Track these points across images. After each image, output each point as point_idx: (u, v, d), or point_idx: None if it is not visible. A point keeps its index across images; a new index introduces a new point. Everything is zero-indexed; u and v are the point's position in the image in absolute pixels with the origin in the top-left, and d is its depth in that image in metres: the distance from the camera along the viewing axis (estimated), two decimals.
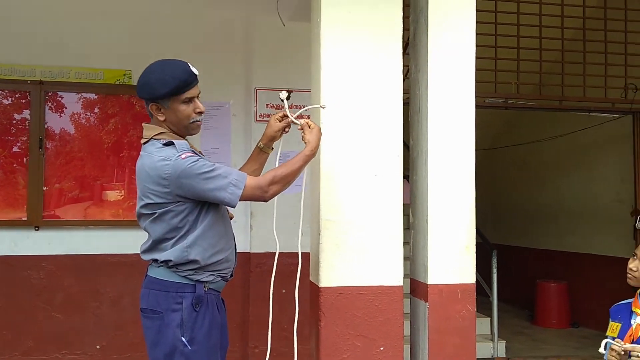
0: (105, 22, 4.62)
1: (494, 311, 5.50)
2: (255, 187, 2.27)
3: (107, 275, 4.58)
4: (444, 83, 2.89)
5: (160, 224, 2.25)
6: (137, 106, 4.62)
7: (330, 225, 2.74)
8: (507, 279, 6.17)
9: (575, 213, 7.17)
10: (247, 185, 2.24)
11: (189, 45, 4.56)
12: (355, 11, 2.77)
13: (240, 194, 2.23)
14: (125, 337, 4.54)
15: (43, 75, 4.53)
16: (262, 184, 2.28)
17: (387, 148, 2.79)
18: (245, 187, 2.23)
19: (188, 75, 2.26)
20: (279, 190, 2.33)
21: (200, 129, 2.42)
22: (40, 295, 4.48)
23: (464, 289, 2.85)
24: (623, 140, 6.08)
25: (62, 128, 4.58)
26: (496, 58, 5.24)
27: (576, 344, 6.10)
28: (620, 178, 6.34)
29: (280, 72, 4.74)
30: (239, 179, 2.24)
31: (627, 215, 6.01)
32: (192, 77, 2.27)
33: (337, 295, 2.73)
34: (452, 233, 2.87)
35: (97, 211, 4.60)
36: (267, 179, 2.29)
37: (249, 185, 2.25)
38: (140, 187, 2.28)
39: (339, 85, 2.77)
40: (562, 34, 5.47)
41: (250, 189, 2.25)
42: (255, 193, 2.27)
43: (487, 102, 5.28)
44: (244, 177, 2.25)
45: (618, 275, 6.23)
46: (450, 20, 2.90)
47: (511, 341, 5.81)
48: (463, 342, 2.84)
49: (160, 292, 2.25)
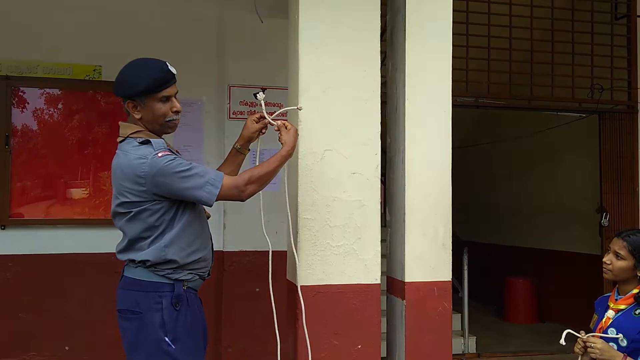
0: (74, 16, 4.51)
1: (465, 307, 5.58)
2: (232, 187, 2.27)
3: (76, 275, 4.47)
4: (420, 81, 2.91)
5: (136, 222, 2.23)
6: (103, 102, 4.53)
7: (308, 224, 2.73)
8: (475, 275, 6.25)
9: (542, 210, 7.32)
10: (224, 185, 2.24)
11: (161, 42, 4.48)
12: (334, 9, 2.77)
13: (217, 193, 2.22)
14: (94, 338, 4.44)
15: (9, 70, 4.39)
16: (239, 184, 2.28)
17: (366, 146, 2.80)
18: (222, 186, 2.23)
19: (165, 73, 2.25)
20: (255, 190, 2.33)
21: (176, 128, 2.39)
22: (7, 296, 4.36)
23: (441, 286, 2.87)
24: (589, 140, 6.22)
25: (28, 124, 4.45)
26: (467, 58, 5.30)
27: (544, 338, 6.22)
28: (586, 176, 6.49)
29: (254, 69, 4.70)
30: (216, 178, 2.24)
31: (592, 213, 6.16)
32: (169, 76, 2.26)
33: (315, 293, 2.73)
34: (428, 231, 2.89)
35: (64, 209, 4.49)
36: (244, 178, 2.30)
37: (225, 185, 2.24)
38: (116, 185, 2.25)
39: (317, 83, 2.76)
40: (531, 34, 5.56)
41: (227, 188, 2.25)
42: (232, 193, 2.27)
43: (458, 101, 5.33)
44: (221, 177, 2.25)
45: (584, 271, 6.44)
46: (427, 19, 2.91)
47: (481, 337, 5.89)
48: (439, 339, 2.87)
49: (139, 292, 2.23)
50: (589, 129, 6.13)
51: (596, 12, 5.68)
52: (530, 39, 5.57)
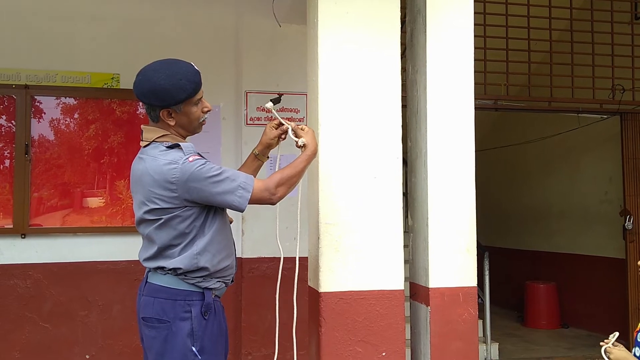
0: (92, 25, 4.53)
1: (487, 313, 5.50)
2: (264, 190, 2.21)
3: (96, 282, 4.48)
4: (442, 83, 2.87)
5: (166, 230, 2.17)
6: (120, 111, 4.54)
7: (330, 229, 2.69)
8: (495, 281, 6.16)
9: (563, 214, 7.21)
10: (255, 188, 2.19)
11: (179, 49, 4.48)
12: (353, 11, 2.74)
13: (249, 197, 2.17)
14: (115, 346, 4.45)
15: (28, 80, 4.42)
16: (269, 186, 2.22)
17: (387, 150, 2.76)
18: (254, 189, 2.18)
19: (199, 76, 2.22)
20: (286, 193, 2.28)
21: (202, 129, 2.36)
22: (27, 305, 4.37)
23: (466, 292, 2.82)
24: (611, 141, 6.13)
25: (47, 133, 4.47)
26: (485, 60, 5.24)
27: (567, 344, 6.12)
28: (608, 178, 6.38)
29: (270, 75, 4.70)
30: (247, 181, 2.18)
31: (615, 215, 6.05)
32: (200, 78, 2.23)
33: (338, 300, 2.68)
34: (452, 235, 2.84)
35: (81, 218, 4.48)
36: (274, 181, 2.24)
37: (257, 188, 2.19)
38: (144, 192, 2.18)
39: (337, 87, 2.73)
40: (550, 35, 5.50)
41: (259, 191, 2.20)
42: (263, 195, 2.22)
43: (477, 103, 5.25)
44: (252, 180, 2.20)
45: (608, 275, 6.33)
46: (448, 19, 2.88)
47: (503, 343, 5.81)
48: (465, 346, 2.81)
49: (167, 300, 2.17)
50: (610, 131, 6.03)
51: (616, 11, 5.60)
52: (549, 39, 5.51)
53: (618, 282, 5.99)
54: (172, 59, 2.23)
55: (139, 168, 2.22)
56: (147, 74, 2.18)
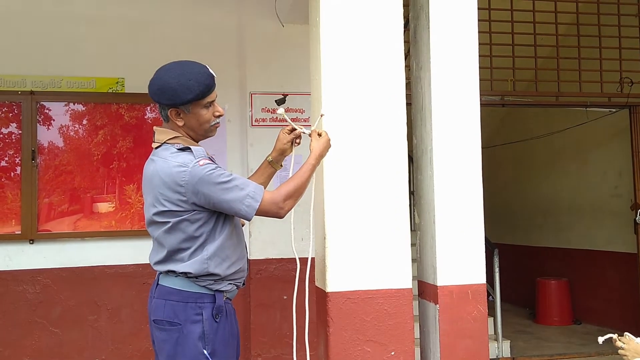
0: (96, 30, 4.55)
1: (497, 310, 5.46)
2: (272, 203, 2.18)
3: (105, 287, 4.49)
4: (447, 80, 2.84)
5: (175, 233, 2.15)
6: (127, 115, 4.55)
7: (336, 229, 2.67)
8: (506, 278, 6.13)
9: (573, 209, 7.15)
10: (264, 199, 2.15)
11: (182, 51, 4.43)
12: (355, 9, 2.72)
13: (257, 207, 2.14)
14: (124, 350, 4.46)
15: (34, 85, 4.44)
16: (277, 200, 2.19)
17: (392, 148, 2.73)
18: (263, 200, 2.15)
19: (211, 79, 2.19)
20: (293, 205, 2.26)
21: (216, 132, 2.34)
22: (37, 310, 4.39)
23: (475, 289, 2.79)
24: (620, 135, 6.07)
25: (53, 139, 4.48)
26: (491, 55, 5.21)
27: (580, 340, 6.06)
28: (618, 172, 6.32)
29: (274, 76, 4.69)
30: (256, 191, 2.15)
31: (626, 210, 5.99)
32: (213, 81, 2.20)
33: (345, 300, 2.66)
34: (460, 232, 2.81)
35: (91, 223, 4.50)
36: (281, 194, 2.20)
37: (265, 200, 2.16)
38: (153, 193, 2.16)
39: (340, 86, 2.70)
40: (556, 29, 5.46)
41: (267, 203, 2.16)
42: (271, 209, 2.18)
43: (483, 99, 5.23)
44: (261, 190, 2.17)
45: (619, 270, 6.27)
46: (452, 15, 2.85)
47: (515, 340, 5.76)
48: (475, 344, 2.78)
49: (178, 302, 2.15)
50: (619, 124, 5.97)
51: (622, 4, 5.55)
52: (555, 34, 5.46)
53: (630, 277, 5.94)
54: (188, 61, 2.21)
55: (150, 169, 2.20)
56: (160, 73, 2.18)
